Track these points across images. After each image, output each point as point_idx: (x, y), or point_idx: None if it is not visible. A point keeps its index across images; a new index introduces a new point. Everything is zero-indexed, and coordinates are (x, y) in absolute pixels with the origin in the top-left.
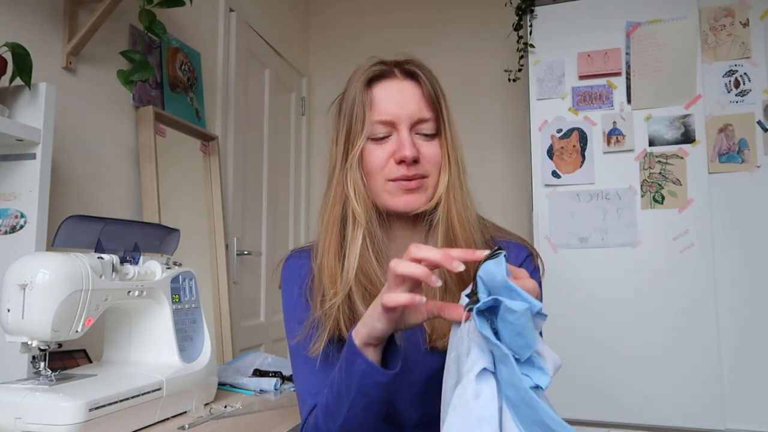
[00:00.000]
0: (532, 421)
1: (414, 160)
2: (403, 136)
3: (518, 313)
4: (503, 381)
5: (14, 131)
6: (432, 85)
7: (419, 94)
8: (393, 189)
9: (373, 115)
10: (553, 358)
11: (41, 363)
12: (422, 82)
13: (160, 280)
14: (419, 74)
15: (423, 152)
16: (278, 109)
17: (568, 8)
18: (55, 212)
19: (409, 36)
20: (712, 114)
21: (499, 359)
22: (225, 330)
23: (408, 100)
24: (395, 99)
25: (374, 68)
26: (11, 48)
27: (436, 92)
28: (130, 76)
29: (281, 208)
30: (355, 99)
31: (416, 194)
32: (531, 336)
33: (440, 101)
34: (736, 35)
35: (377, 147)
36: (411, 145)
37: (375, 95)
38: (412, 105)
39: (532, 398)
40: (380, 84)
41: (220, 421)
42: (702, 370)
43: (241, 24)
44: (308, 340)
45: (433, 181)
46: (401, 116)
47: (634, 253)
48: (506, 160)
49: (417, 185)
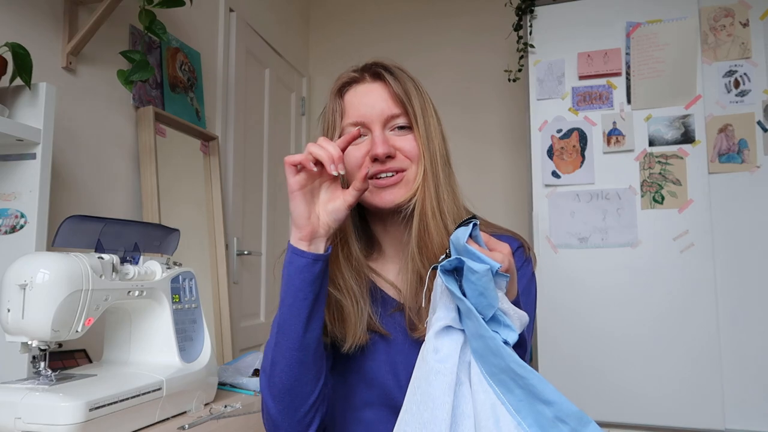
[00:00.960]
0: (499, 369)
1: (388, 156)
2: (376, 134)
3: (479, 273)
4: (470, 335)
5: (14, 131)
6: (400, 82)
7: (387, 92)
8: (371, 187)
9: (345, 119)
10: (520, 315)
11: (41, 363)
12: (387, 81)
13: (160, 280)
14: (383, 74)
15: (398, 146)
16: (278, 109)
17: (568, 8)
18: (55, 212)
19: (410, 36)
20: (712, 114)
21: (464, 314)
22: (225, 330)
23: (376, 99)
24: (363, 101)
25: (344, 77)
26: (11, 48)
27: (404, 89)
28: (130, 76)
29: (281, 208)
30: (330, 110)
31: (394, 189)
32: (492, 296)
33: (409, 96)
34: (736, 35)
35: (354, 148)
36: (383, 142)
37: (346, 101)
38: (380, 103)
39: (498, 345)
40: (350, 90)
41: (220, 421)
42: (702, 370)
43: (241, 24)
44: None
45: (412, 175)
46: (371, 116)
47: (634, 253)
48: (506, 160)
49: (393, 181)
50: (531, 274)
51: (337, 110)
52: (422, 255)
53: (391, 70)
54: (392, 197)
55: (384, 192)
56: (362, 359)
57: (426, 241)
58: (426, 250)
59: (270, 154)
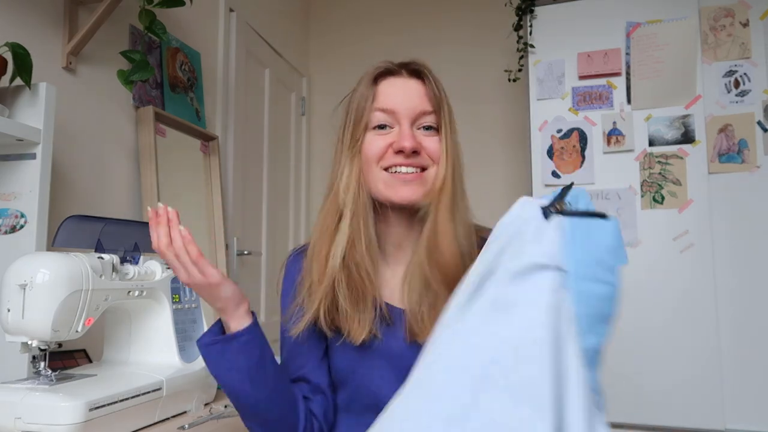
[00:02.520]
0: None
1: (413, 151)
2: (404, 128)
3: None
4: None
5: (14, 131)
6: (436, 85)
7: (423, 90)
8: (388, 180)
9: (375, 104)
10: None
11: (41, 363)
12: (426, 80)
13: (160, 280)
14: (424, 72)
15: (424, 145)
16: (278, 109)
17: (568, 8)
18: (55, 212)
19: (410, 36)
20: (712, 114)
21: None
22: None
23: (411, 94)
24: (398, 92)
25: (381, 65)
26: (11, 48)
27: (439, 91)
28: (130, 76)
29: (281, 208)
30: (360, 94)
31: (414, 186)
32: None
33: (442, 100)
34: (736, 35)
35: (378, 137)
36: (411, 137)
37: (380, 89)
38: (414, 99)
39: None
40: (386, 80)
41: (220, 421)
42: (702, 370)
43: (241, 24)
44: (290, 321)
45: (431, 176)
46: (403, 108)
47: (634, 253)
48: (506, 160)
49: (414, 177)
50: None
51: (370, 96)
52: (431, 261)
53: (430, 71)
54: (410, 193)
55: (403, 187)
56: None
57: (437, 247)
58: (435, 257)
59: (270, 154)
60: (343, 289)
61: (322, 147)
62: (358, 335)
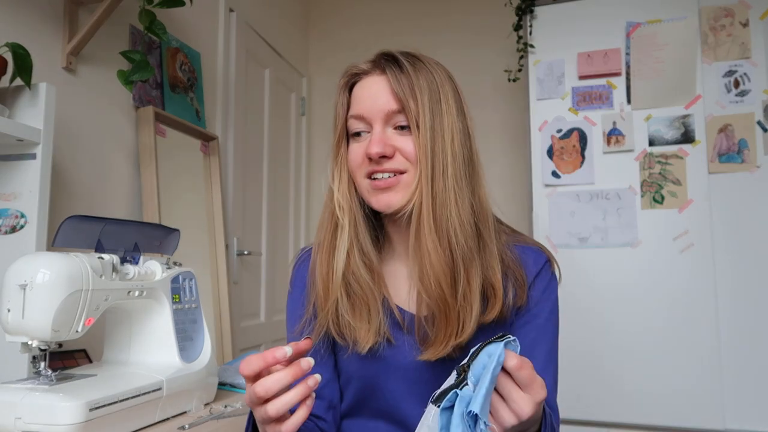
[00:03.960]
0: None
1: (382, 155)
2: (375, 131)
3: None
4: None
5: (14, 131)
6: (405, 75)
7: (388, 87)
8: (369, 187)
9: (350, 112)
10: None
11: (41, 363)
12: (389, 74)
13: (160, 280)
14: (387, 66)
15: (399, 146)
16: (278, 109)
17: (568, 8)
18: (55, 212)
19: (409, 36)
20: (712, 114)
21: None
22: (225, 330)
23: (378, 93)
24: (367, 94)
25: (351, 69)
26: (11, 48)
27: (409, 83)
28: (130, 76)
29: (281, 208)
30: (336, 104)
31: (390, 192)
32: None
33: (413, 92)
34: (736, 35)
35: (356, 145)
36: (377, 141)
37: (353, 95)
38: (381, 99)
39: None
40: (359, 83)
41: (220, 421)
42: (701, 370)
43: (241, 24)
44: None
45: (410, 178)
46: (371, 111)
47: (634, 253)
48: (506, 160)
49: (388, 183)
50: (557, 293)
51: (343, 104)
52: (416, 266)
53: (399, 61)
54: (387, 201)
55: (380, 194)
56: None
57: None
58: (421, 263)
59: (270, 154)
60: (344, 303)
61: (322, 147)
62: (364, 344)
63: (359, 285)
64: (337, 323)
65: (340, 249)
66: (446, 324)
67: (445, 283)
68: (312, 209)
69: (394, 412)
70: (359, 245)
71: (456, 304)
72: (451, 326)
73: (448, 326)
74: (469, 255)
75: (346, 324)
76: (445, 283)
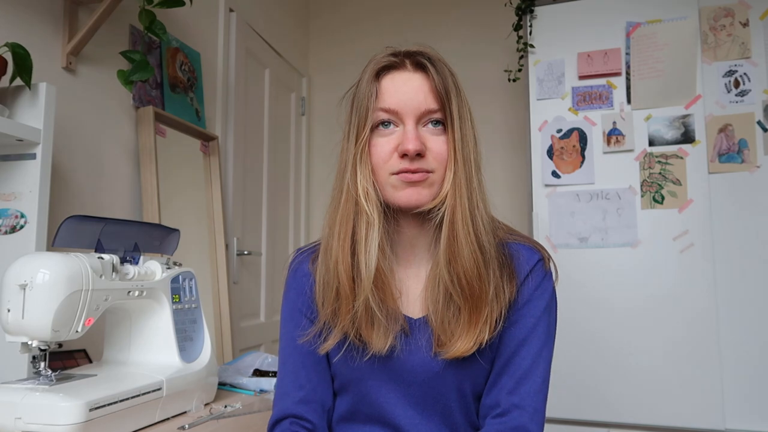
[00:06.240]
0: None
1: (417, 153)
2: (408, 128)
3: None
4: None
5: (14, 131)
6: (442, 78)
7: (427, 86)
8: (396, 182)
9: (377, 103)
10: None
11: (41, 363)
12: (430, 74)
13: (160, 280)
14: (428, 66)
15: (429, 147)
16: (278, 109)
17: (568, 8)
18: (55, 212)
19: (409, 36)
20: (712, 114)
21: None
22: (225, 330)
23: (415, 91)
24: (401, 90)
25: (383, 60)
26: (11, 48)
27: (445, 85)
28: (130, 76)
29: (281, 208)
30: (363, 92)
31: (419, 188)
32: None
33: (449, 95)
34: (736, 35)
35: (383, 140)
36: (415, 138)
37: (382, 86)
38: (418, 97)
39: None
40: (388, 75)
41: (220, 421)
42: (702, 370)
43: (241, 24)
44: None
45: (438, 178)
46: (406, 107)
47: (634, 253)
48: (506, 160)
49: (420, 178)
50: (551, 292)
51: (372, 93)
52: (450, 267)
53: (435, 62)
54: (416, 197)
55: (407, 189)
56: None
57: (455, 252)
58: (455, 263)
59: (270, 154)
60: (377, 301)
61: (322, 147)
62: (381, 346)
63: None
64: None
65: (371, 244)
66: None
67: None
68: (312, 209)
69: (388, 418)
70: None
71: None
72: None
73: (478, 322)
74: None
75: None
76: (477, 282)
